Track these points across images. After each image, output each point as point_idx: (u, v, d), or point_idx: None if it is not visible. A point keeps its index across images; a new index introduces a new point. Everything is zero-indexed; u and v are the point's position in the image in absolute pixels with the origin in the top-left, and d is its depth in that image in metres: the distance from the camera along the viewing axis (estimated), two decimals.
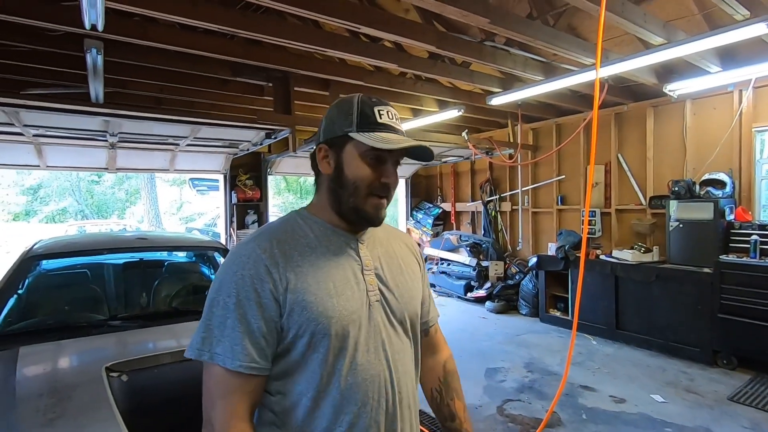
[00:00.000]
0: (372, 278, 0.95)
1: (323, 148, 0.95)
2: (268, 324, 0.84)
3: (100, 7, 2.16)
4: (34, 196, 20.42)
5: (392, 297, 0.96)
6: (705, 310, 4.06)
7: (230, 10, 2.89)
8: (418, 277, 1.07)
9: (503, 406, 3.36)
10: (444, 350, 1.20)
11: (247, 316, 0.83)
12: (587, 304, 4.92)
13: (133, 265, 2.83)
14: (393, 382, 0.92)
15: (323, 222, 0.96)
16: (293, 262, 0.88)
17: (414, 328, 1.01)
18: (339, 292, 0.89)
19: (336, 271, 0.91)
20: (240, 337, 0.82)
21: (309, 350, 0.85)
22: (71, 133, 4.40)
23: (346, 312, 0.88)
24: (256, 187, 6.82)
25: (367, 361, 0.89)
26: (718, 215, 4.16)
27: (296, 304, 0.85)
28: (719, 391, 3.51)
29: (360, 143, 0.89)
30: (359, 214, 0.93)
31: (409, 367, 0.98)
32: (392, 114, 0.94)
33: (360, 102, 0.93)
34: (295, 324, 0.85)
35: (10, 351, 1.76)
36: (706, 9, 3.50)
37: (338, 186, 0.93)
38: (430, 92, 4.90)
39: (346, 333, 0.87)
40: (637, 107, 5.25)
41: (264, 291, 0.84)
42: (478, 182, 7.63)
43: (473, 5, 2.71)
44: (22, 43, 3.27)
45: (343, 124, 0.92)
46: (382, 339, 0.92)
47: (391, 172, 0.93)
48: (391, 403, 0.91)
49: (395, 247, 1.06)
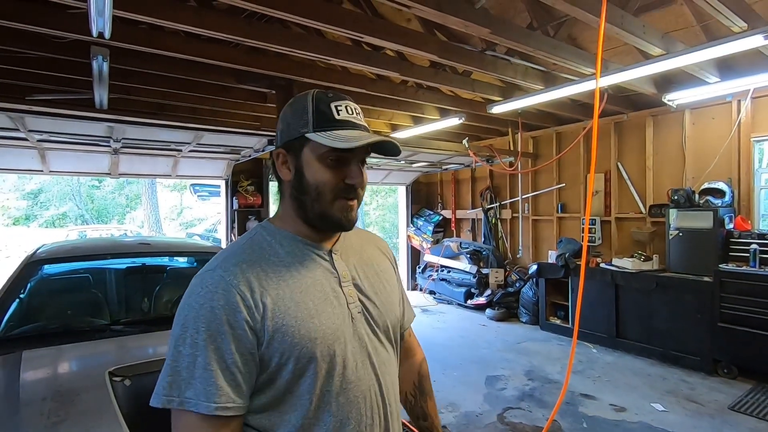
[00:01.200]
0: (351, 290, 0.89)
1: (281, 153, 0.88)
2: (244, 357, 0.76)
3: (108, 16, 2.19)
4: (34, 200, 20.45)
5: (373, 306, 0.92)
6: (705, 318, 4.06)
7: (235, 18, 2.93)
8: (394, 282, 1.03)
9: (504, 413, 3.36)
10: (418, 353, 1.17)
11: (220, 351, 0.74)
12: (587, 312, 4.92)
13: (135, 271, 2.84)
14: (383, 394, 0.88)
15: (291, 234, 0.89)
16: (267, 284, 0.81)
17: (396, 334, 0.98)
18: (320, 311, 0.83)
19: (313, 289, 0.84)
20: (213, 376, 0.73)
21: (295, 377, 0.79)
22: (75, 138, 4.43)
23: (330, 330, 0.82)
24: (258, 193, 6.85)
25: (357, 378, 0.84)
26: (718, 224, 4.18)
27: (276, 331, 0.78)
28: (720, 401, 3.51)
29: (318, 144, 0.82)
30: (327, 220, 0.86)
31: (395, 375, 0.96)
32: (351, 108, 0.86)
33: (315, 99, 0.85)
34: (277, 352, 0.78)
35: (14, 355, 1.77)
36: (704, 21, 3.54)
37: (300, 193, 0.86)
38: (432, 100, 4.94)
39: (332, 352, 0.81)
40: (637, 116, 5.29)
41: (238, 322, 0.76)
42: (478, 190, 7.66)
43: (475, 16, 2.76)
44: (29, 50, 3.31)
45: (298, 125, 0.84)
46: (368, 351, 0.88)
47: (355, 172, 0.85)
48: (383, 417, 0.88)
49: (369, 252, 1.01)
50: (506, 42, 3.03)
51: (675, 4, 3.55)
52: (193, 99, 4.83)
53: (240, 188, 6.76)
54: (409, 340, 1.15)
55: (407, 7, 2.51)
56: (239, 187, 6.76)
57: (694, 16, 3.58)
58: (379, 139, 0.84)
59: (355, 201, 0.87)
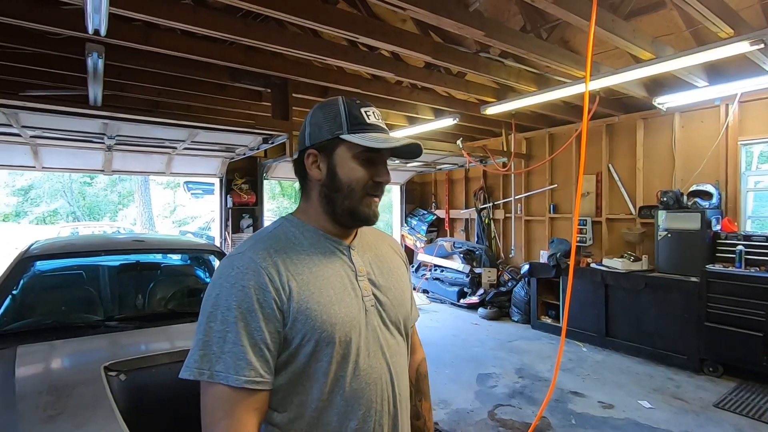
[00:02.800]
0: (366, 284, 0.95)
1: (312, 153, 0.93)
2: (272, 335, 0.82)
3: (104, 13, 2.20)
4: (25, 197, 20.21)
5: (386, 300, 0.97)
6: (692, 318, 4.14)
7: (231, 17, 2.94)
8: (406, 279, 1.09)
9: (494, 410, 3.41)
10: (419, 352, 1.20)
11: (249, 328, 0.80)
12: (578, 311, 4.99)
13: (129, 268, 2.85)
14: (393, 383, 0.93)
15: (314, 228, 0.95)
16: (293, 269, 0.87)
17: (406, 329, 1.03)
18: (339, 299, 0.88)
19: (334, 279, 0.91)
20: (243, 351, 0.79)
21: (312, 359, 0.85)
22: (69, 135, 4.41)
23: (347, 318, 0.88)
24: (252, 192, 6.85)
25: (369, 366, 0.89)
26: (705, 225, 4.26)
27: (300, 312, 0.84)
28: (705, 398, 3.58)
29: (353, 144, 0.89)
30: (355, 215, 0.93)
31: (405, 367, 1.01)
32: (377, 114, 0.95)
33: (346, 104, 0.93)
34: (300, 332, 0.84)
35: (9, 350, 1.78)
36: (693, 26, 3.62)
37: (332, 190, 0.92)
38: (426, 101, 4.98)
39: (349, 339, 0.87)
40: (628, 119, 5.37)
41: (267, 302, 0.82)
42: (472, 190, 7.72)
43: (469, 18, 2.80)
44: (23, 46, 3.29)
45: (332, 127, 0.91)
46: (380, 342, 0.93)
47: (383, 171, 0.94)
48: (392, 405, 0.93)
49: (383, 249, 1.07)
50: (500, 44, 3.08)
51: (665, 10, 3.62)
52: (188, 97, 4.83)
53: (234, 186, 6.75)
54: (412, 338, 1.17)
55: (402, 9, 2.54)
56: (233, 185, 6.76)
57: (683, 22, 3.65)
58: (411, 142, 0.93)
59: (378, 198, 0.96)
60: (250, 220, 6.86)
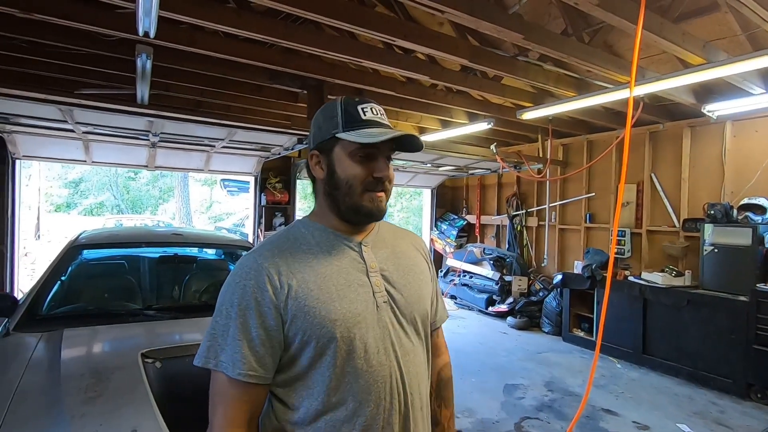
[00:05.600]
0: (378, 280, 0.94)
1: (314, 154, 0.96)
2: (268, 332, 0.85)
3: (154, 16, 2.31)
4: (75, 189, 21.48)
5: (401, 297, 0.95)
6: (739, 339, 3.89)
7: (272, 20, 3.02)
8: (426, 277, 1.06)
9: (521, 423, 3.31)
10: (443, 355, 1.17)
11: (247, 325, 0.84)
12: (613, 326, 4.79)
13: (168, 259, 2.96)
14: (404, 382, 0.91)
15: (324, 227, 0.97)
16: (294, 268, 0.89)
17: (425, 328, 1.01)
18: (342, 295, 0.88)
19: (338, 275, 0.91)
20: (240, 346, 0.83)
21: (317, 356, 0.85)
22: (117, 131, 4.65)
23: (350, 314, 0.88)
24: (285, 191, 6.99)
25: (378, 363, 0.88)
26: (757, 242, 3.99)
27: (299, 310, 0.85)
28: (752, 426, 3.35)
29: (348, 142, 0.90)
30: (359, 211, 0.93)
31: (421, 368, 0.97)
32: (376, 110, 0.94)
33: (343, 103, 0.94)
34: (300, 330, 0.85)
35: (56, 332, 1.89)
36: (749, 30, 3.41)
37: (333, 188, 0.94)
38: (461, 104, 4.93)
39: (352, 335, 0.87)
40: (674, 126, 5.12)
41: (264, 299, 0.85)
42: (504, 196, 7.57)
43: (508, 21, 2.75)
44: (79, 47, 3.51)
45: (329, 127, 0.93)
46: (392, 340, 0.91)
47: (382, 166, 0.92)
48: (403, 404, 0.90)
49: (402, 247, 1.05)
50: (539, 48, 3.00)
51: (718, 12, 3.42)
52: (228, 97, 4.99)
53: (268, 185, 6.92)
54: (436, 341, 1.15)
55: (440, 12, 2.53)
56: (268, 184, 6.92)
57: (738, 25, 3.44)
58: (401, 134, 0.91)
59: (383, 193, 0.94)
60: (283, 218, 7.00)
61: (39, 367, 1.62)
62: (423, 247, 1.12)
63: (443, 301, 1.16)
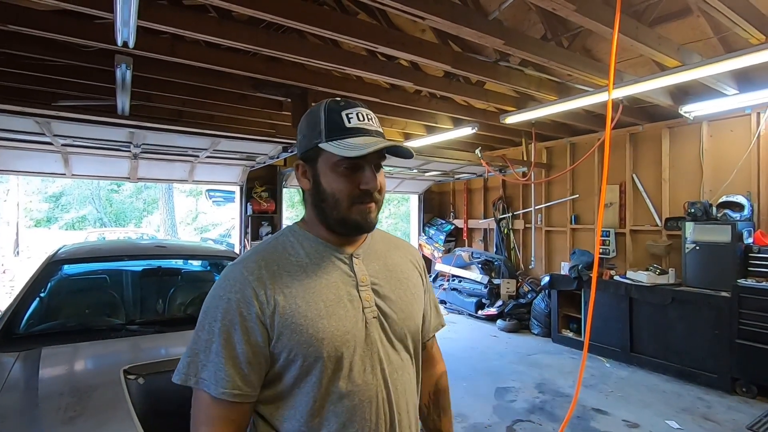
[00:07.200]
0: (368, 294, 0.90)
1: (299, 164, 0.92)
2: (253, 349, 0.81)
3: (133, 26, 2.28)
4: (56, 203, 20.98)
5: (391, 312, 0.91)
6: (723, 335, 3.96)
7: (254, 28, 3.01)
8: (420, 290, 1.02)
9: (513, 426, 3.31)
10: (439, 365, 1.14)
11: (231, 341, 0.80)
12: (601, 325, 4.84)
13: (151, 273, 2.90)
14: (391, 401, 0.87)
15: (315, 238, 0.92)
16: (281, 282, 0.84)
17: (415, 344, 0.96)
18: (330, 312, 0.84)
19: (327, 290, 0.86)
20: (223, 364, 0.79)
21: (302, 374, 0.82)
22: (97, 143, 4.57)
23: (339, 333, 0.83)
24: (271, 200, 6.94)
25: (364, 382, 0.85)
26: (736, 238, 4.09)
27: (285, 327, 0.81)
28: (738, 420, 3.40)
29: (331, 154, 0.84)
30: (347, 225, 0.88)
31: (409, 386, 0.93)
32: (363, 115, 0.88)
33: (327, 109, 0.87)
34: (286, 348, 0.81)
35: (34, 351, 1.83)
36: (721, 32, 3.51)
37: (319, 201, 0.89)
38: (445, 110, 4.97)
39: (340, 354, 0.83)
40: (653, 128, 5.24)
41: (250, 315, 0.81)
42: (491, 199, 7.64)
43: (488, 27, 2.79)
44: (57, 58, 3.44)
45: (312, 136, 0.87)
46: (380, 357, 0.87)
47: (369, 177, 0.86)
48: (389, 424, 0.87)
49: (395, 259, 1.00)
50: (520, 53, 3.05)
51: (691, 16, 3.53)
52: (211, 106, 4.94)
53: (254, 194, 6.86)
54: (431, 351, 1.13)
55: (422, 19, 2.55)
56: (253, 193, 6.86)
57: (711, 28, 3.55)
58: (387, 145, 0.85)
59: (373, 204, 0.89)
60: (269, 227, 6.94)
61: (16, 388, 1.57)
62: (417, 259, 1.08)
63: (439, 309, 1.13)
